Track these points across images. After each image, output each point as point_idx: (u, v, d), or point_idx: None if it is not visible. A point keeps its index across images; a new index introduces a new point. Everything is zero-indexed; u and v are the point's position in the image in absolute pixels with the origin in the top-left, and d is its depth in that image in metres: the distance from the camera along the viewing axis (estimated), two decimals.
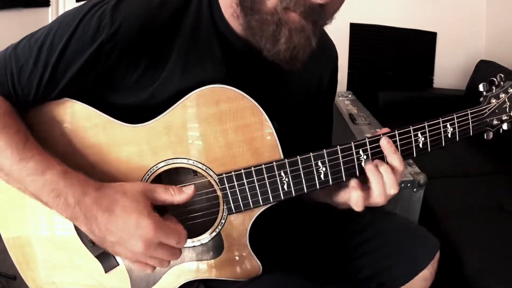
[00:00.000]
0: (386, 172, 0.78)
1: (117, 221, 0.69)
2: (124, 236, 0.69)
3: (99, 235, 0.71)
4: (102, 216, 0.70)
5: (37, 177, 0.71)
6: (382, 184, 0.78)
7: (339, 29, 2.58)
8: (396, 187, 0.78)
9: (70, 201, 0.70)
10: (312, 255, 1.02)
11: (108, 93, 0.79)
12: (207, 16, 0.79)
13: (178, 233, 0.72)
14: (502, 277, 1.30)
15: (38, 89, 0.75)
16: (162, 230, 0.70)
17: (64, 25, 0.74)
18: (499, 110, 0.87)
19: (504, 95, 0.86)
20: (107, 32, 0.72)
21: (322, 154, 0.78)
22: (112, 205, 0.70)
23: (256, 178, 0.78)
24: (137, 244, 0.69)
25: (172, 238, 0.71)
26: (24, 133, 0.74)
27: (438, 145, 0.84)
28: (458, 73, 2.70)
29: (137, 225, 0.69)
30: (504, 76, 0.87)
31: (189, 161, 0.79)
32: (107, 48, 0.73)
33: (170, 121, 0.77)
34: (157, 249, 0.71)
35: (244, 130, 0.77)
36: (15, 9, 2.11)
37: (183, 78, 0.78)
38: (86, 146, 0.78)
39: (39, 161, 0.71)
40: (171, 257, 0.73)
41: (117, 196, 0.71)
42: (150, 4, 0.75)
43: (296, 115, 0.93)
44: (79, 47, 0.73)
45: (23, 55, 0.74)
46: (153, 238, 0.69)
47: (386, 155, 0.79)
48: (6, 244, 0.84)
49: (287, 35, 0.72)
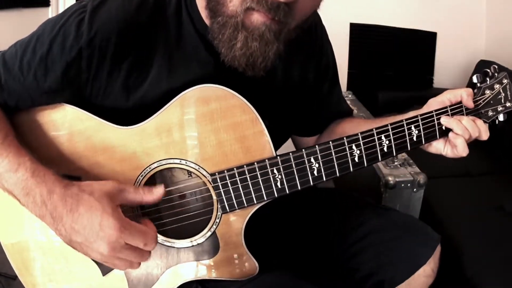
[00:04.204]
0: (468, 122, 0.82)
1: (82, 220, 0.68)
2: (89, 237, 0.68)
3: (65, 235, 0.70)
4: (67, 216, 0.69)
5: (11, 174, 0.71)
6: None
7: (339, 29, 2.59)
8: None
9: (37, 199, 0.70)
10: (310, 254, 1.01)
11: (99, 100, 0.79)
12: (186, 18, 0.79)
13: (144, 234, 0.70)
14: (502, 277, 1.29)
15: (21, 93, 0.76)
16: (127, 230, 0.69)
17: (46, 31, 0.75)
18: (494, 101, 0.86)
19: (498, 85, 0.86)
20: (85, 39, 0.73)
21: (315, 151, 0.78)
22: (77, 204, 0.69)
23: (249, 176, 0.78)
24: (102, 245, 0.68)
25: (138, 239, 0.70)
26: (5, 131, 0.75)
27: (432, 137, 0.84)
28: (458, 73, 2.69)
29: (101, 225, 0.68)
30: (497, 67, 0.86)
31: (182, 161, 0.78)
32: (87, 54, 0.74)
33: (162, 122, 0.77)
34: (122, 251, 0.69)
35: (235, 128, 0.77)
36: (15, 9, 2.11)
37: (170, 78, 0.78)
38: (80, 149, 0.79)
39: (14, 158, 0.72)
40: (139, 259, 0.72)
41: (84, 196, 0.70)
42: (127, 8, 0.76)
43: (286, 111, 0.93)
44: (59, 54, 0.74)
45: (10, 60, 0.77)
46: (117, 239, 0.68)
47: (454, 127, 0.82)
48: (5, 249, 0.85)
49: (243, 40, 0.70)
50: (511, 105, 0.87)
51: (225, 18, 0.71)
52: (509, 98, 0.87)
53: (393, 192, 1.50)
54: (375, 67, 2.72)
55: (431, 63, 2.75)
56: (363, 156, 0.80)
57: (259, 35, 0.70)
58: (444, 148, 0.86)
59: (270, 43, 0.72)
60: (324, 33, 1.00)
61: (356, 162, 0.80)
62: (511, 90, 0.87)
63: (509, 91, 0.87)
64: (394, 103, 2.48)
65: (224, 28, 0.71)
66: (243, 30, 0.70)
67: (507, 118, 0.90)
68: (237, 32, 0.70)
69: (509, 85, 0.87)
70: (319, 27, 0.98)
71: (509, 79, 0.86)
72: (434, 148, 0.87)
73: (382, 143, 0.81)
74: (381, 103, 2.51)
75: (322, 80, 0.99)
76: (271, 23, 0.70)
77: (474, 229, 1.51)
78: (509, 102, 0.87)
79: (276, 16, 0.69)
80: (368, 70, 2.72)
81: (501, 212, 1.61)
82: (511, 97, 0.87)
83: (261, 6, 0.68)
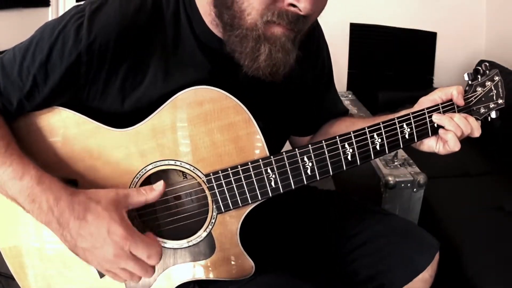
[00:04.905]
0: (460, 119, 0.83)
1: (89, 228, 0.69)
2: (96, 243, 0.69)
3: (70, 240, 0.71)
4: (74, 222, 0.69)
5: (16, 182, 0.72)
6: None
7: (339, 29, 2.59)
8: None
9: (43, 206, 0.71)
10: (308, 257, 1.01)
11: (96, 103, 0.80)
12: (184, 20, 0.80)
13: (149, 246, 0.70)
14: (502, 277, 1.29)
15: (21, 98, 0.76)
16: (133, 238, 0.69)
17: (45, 36, 0.75)
18: (485, 98, 0.87)
19: (490, 83, 0.86)
20: (84, 44, 0.73)
21: (308, 150, 0.79)
22: (84, 212, 0.70)
23: (243, 176, 0.78)
24: (108, 250, 0.69)
25: (143, 250, 0.69)
26: (7, 139, 0.75)
27: (424, 135, 0.84)
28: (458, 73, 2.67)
29: (109, 232, 0.68)
30: (489, 65, 0.87)
31: (177, 163, 0.79)
32: (86, 59, 0.74)
33: (156, 124, 0.77)
34: (127, 261, 0.69)
35: (229, 129, 0.77)
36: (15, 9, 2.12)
37: (165, 82, 0.79)
38: (76, 153, 0.79)
39: (19, 165, 0.72)
40: (142, 273, 0.71)
41: (91, 204, 0.70)
42: (126, 12, 0.76)
43: (281, 113, 0.93)
44: (59, 59, 0.74)
45: (8, 65, 0.77)
46: (123, 246, 0.68)
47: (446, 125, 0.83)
48: (3, 253, 0.85)
49: (267, 53, 0.72)
50: (503, 102, 0.88)
51: (245, 31, 0.72)
52: (501, 95, 0.87)
53: (393, 192, 1.50)
54: (375, 67, 2.72)
55: (431, 63, 2.74)
56: (355, 154, 0.81)
57: (281, 46, 0.72)
58: (436, 145, 0.86)
59: (291, 52, 0.74)
60: (321, 34, 1.00)
61: (349, 160, 0.80)
62: (502, 87, 0.87)
63: (500, 88, 0.87)
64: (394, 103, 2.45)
65: (245, 41, 0.72)
66: (265, 43, 0.71)
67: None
68: (259, 45, 0.72)
69: (501, 82, 0.87)
70: (317, 27, 0.98)
71: (500, 76, 0.86)
72: (427, 146, 0.87)
73: (375, 142, 0.81)
74: (381, 103, 2.50)
75: (318, 80, 1.00)
76: (290, 33, 0.72)
77: (474, 229, 1.51)
78: (501, 99, 0.87)
79: (296, 27, 0.72)
80: (368, 70, 2.72)
81: (501, 212, 1.61)
82: (503, 94, 0.87)
83: (282, 19, 0.70)
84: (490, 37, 2.64)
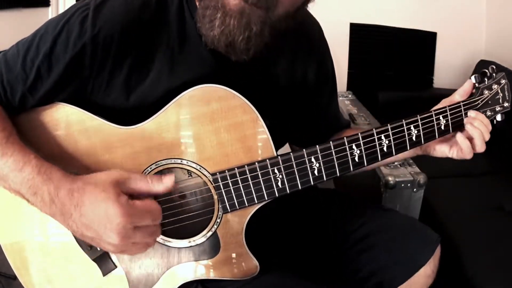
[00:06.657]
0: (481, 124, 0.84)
1: (88, 214, 0.68)
2: (99, 231, 0.68)
3: (77, 230, 0.70)
4: (75, 211, 0.69)
5: (17, 173, 0.71)
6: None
7: (339, 29, 2.59)
8: None
9: (45, 198, 0.70)
10: (310, 255, 1.02)
11: (100, 98, 0.79)
12: (189, 17, 0.80)
13: (149, 211, 0.70)
14: (502, 277, 1.29)
15: (24, 91, 0.76)
16: (132, 213, 0.68)
17: (49, 29, 0.75)
18: (492, 101, 0.87)
19: (496, 86, 0.87)
20: (89, 35, 0.73)
21: (316, 151, 0.79)
22: (82, 198, 0.69)
23: (250, 176, 0.78)
24: (112, 236, 0.68)
25: (145, 218, 0.69)
26: (8, 131, 0.75)
27: (431, 137, 0.84)
28: (458, 73, 2.68)
29: (106, 215, 0.67)
30: (496, 67, 0.87)
31: (183, 161, 0.78)
32: (90, 50, 0.74)
33: (163, 122, 0.77)
34: (134, 234, 0.69)
35: (236, 128, 0.77)
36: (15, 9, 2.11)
37: (171, 77, 0.79)
38: (81, 149, 0.79)
39: (19, 156, 0.72)
40: (152, 237, 0.72)
41: (88, 187, 0.69)
42: (131, 6, 0.76)
43: (286, 112, 0.93)
44: (63, 50, 0.74)
45: (11, 59, 0.77)
46: (125, 225, 0.67)
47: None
48: (4, 249, 0.84)
49: (221, 18, 0.71)
50: (509, 105, 0.88)
51: (208, 1, 0.72)
52: (507, 98, 0.88)
53: (393, 192, 1.50)
54: (375, 67, 2.72)
55: (431, 63, 2.74)
56: (363, 156, 0.81)
57: (238, 13, 0.70)
58: (449, 151, 0.88)
59: (252, 26, 0.71)
60: (326, 42, 1.00)
61: (357, 162, 0.81)
62: (509, 90, 0.88)
63: (507, 92, 0.88)
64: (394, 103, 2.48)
65: (206, 9, 0.72)
66: (222, 8, 0.71)
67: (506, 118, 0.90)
68: (216, 10, 0.71)
69: (507, 85, 0.88)
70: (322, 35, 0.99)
71: (507, 79, 0.87)
72: (440, 152, 0.89)
73: (382, 143, 0.82)
74: (381, 103, 2.50)
75: (322, 86, 1.00)
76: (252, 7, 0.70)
77: (474, 229, 1.51)
78: (507, 102, 0.88)
79: (259, 2, 0.70)
80: (368, 70, 2.72)
81: (501, 212, 1.61)
82: (509, 97, 0.88)
83: None
84: (490, 37, 2.64)
